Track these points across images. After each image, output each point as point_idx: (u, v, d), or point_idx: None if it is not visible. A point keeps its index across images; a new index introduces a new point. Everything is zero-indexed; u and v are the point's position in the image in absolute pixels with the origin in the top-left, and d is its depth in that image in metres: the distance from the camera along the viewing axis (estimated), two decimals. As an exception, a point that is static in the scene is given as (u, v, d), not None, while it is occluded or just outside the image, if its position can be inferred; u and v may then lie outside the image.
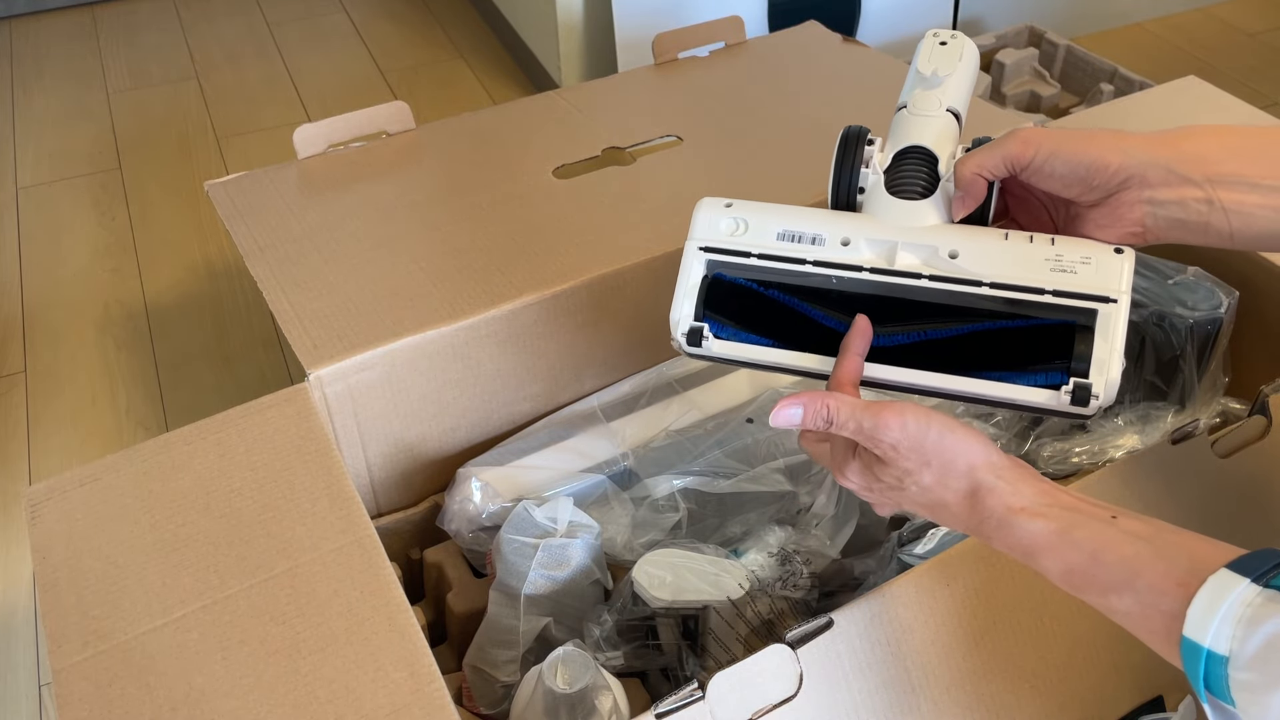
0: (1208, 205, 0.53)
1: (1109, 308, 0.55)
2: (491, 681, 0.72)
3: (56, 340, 1.40)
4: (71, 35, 2.11)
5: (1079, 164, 0.54)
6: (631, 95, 1.07)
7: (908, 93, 0.63)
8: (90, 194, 1.67)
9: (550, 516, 0.72)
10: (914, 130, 0.61)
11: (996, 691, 0.60)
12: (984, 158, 0.56)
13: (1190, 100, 1.00)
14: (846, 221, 0.60)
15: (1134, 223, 0.55)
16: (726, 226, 0.61)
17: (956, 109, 0.62)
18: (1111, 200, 0.55)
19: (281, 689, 0.54)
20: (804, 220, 0.60)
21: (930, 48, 0.63)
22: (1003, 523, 0.49)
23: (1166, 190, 0.54)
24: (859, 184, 0.61)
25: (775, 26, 1.65)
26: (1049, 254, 0.56)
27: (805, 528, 0.77)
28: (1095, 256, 0.56)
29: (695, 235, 0.62)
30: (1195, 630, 0.41)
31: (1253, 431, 0.68)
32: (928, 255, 0.58)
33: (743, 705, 0.54)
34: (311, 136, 0.96)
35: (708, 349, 0.61)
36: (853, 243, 0.59)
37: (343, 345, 0.75)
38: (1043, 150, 0.55)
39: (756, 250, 0.60)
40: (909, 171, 0.60)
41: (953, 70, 0.62)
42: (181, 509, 0.63)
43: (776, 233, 0.60)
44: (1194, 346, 0.84)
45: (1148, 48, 1.95)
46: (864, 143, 0.61)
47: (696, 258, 0.61)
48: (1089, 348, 0.54)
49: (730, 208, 0.62)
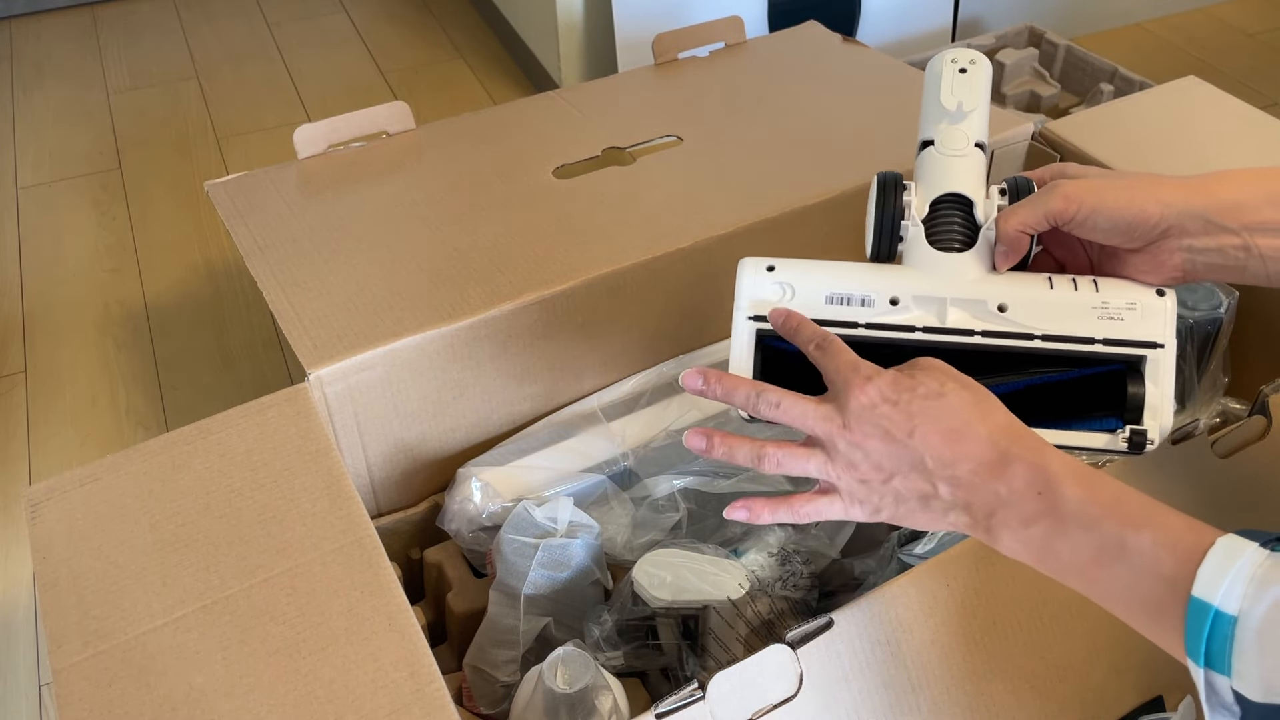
0: (1245, 252, 0.55)
1: (1158, 353, 0.56)
2: (491, 681, 0.72)
3: (56, 340, 1.40)
4: (71, 35, 2.11)
5: (1120, 220, 0.55)
6: (631, 95, 1.07)
7: (931, 128, 0.62)
8: (90, 194, 1.67)
9: (550, 516, 0.72)
10: (947, 173, 0.60)
11: (996, 691, 0.60)
12: (1026, 215, 0.57)
13: (1190, 100, 1.01)
14: (892, 277, 0.59)
15: (1174, 268, 0.57)
16: (773, 294, 0.60)
17: (982, 141, 0.61)
18: (1151, 248, 0.56)
19: (281, 689, 0.54)
20: (850, 280, 0.59)
21: (951, 77, 0.62)
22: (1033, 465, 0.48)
23: (1205, 239, 0.55)
24: (900, 233, 0.60)
25: (775, 26, 1.65)
26: (1095, 301, 0.57)
27: (805, 528, 0.78)
28: (1140, 301, 0.57)
29: (741, 305, 0.60)
30: (1205, 589, 0.42)
31: (1253, 431, 0.68)
32: (977, 310, 0.58)
33: (743, 705, 0.54)
34: (312, 136, 0.96)
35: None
36: (901, 301, 0.58)
37: (343, 345, 0.75)
38: (1085, 207, 0.55)
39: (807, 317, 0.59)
40: (949, 220, 0.59)
41: (977, 104, 0.61)
42: (181, 509, 0.63)
43: (825, 295, 0.59)
44: (1194, 346, 0.84)
45: (1148, 48, 1.95)
46: (900, 191, 0.60)
47: (746, 329, 0.60)
48: (1141, 393, 0.56)
49: (773, 271, 0.60)
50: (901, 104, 1.03)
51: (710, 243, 0.84)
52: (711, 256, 0.85)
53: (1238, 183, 0.55)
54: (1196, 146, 0.94)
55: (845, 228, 0.65)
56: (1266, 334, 0.88)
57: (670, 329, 0.87)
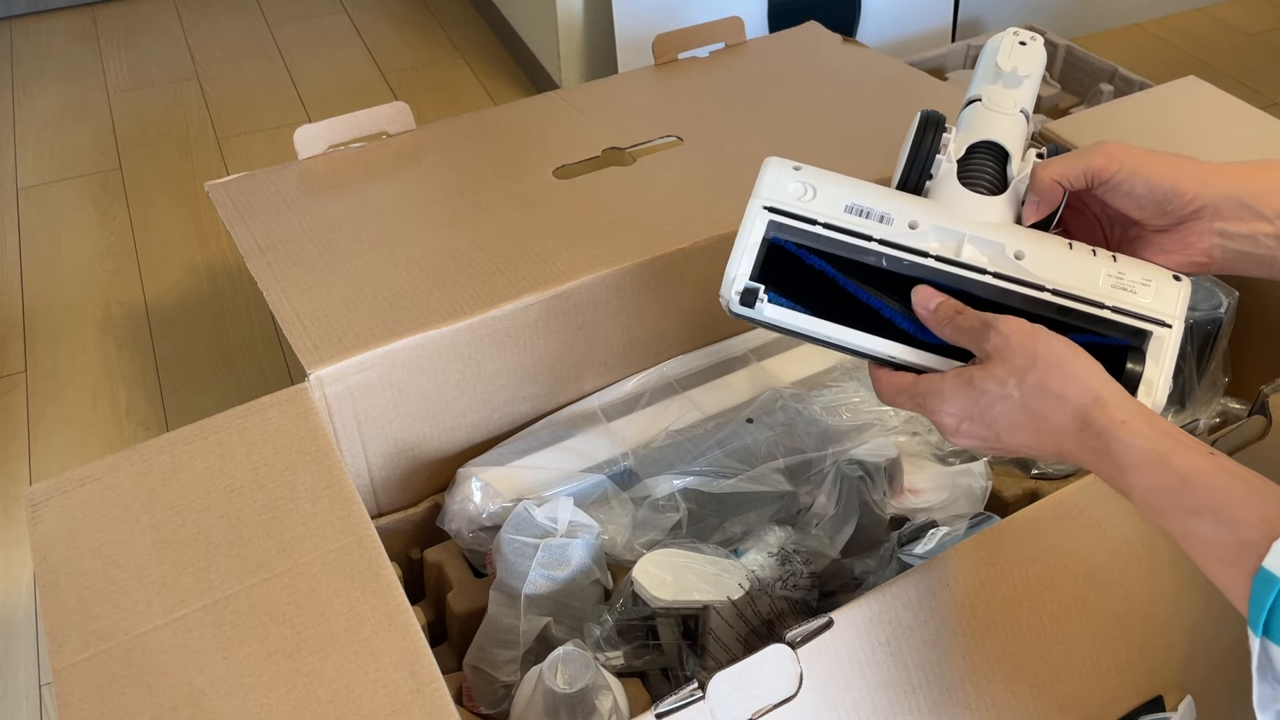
0: (1277, 241, 0.54)
1: (1164, 331, 0.55)
2: (492, 681, 0.72)
3: (57, 340, 1.40)
4: (71, 35, 2.11)
5: (1158, 187, 0.55)
6: (631, 95, 1.07)
7: (981, 86, 0.62)
8: (90, 194, 1.67)
9: (550, 516, 0.72)
10: (990, 125, 0.60)
11: (996, 691, 0.60)
12: (1066, 166, 0.56)
13: (1190, 100, 1.00)
14: (915, 205, 0.59)
15: (1202, 252, 0.56)
16: (794, 190, 0.59)
17: (1028, 111, 0.61)
18: (1181, 228, 0.56)
19: (281, 689, 0.54)
20: (873, 197, 0.59)
21: (1010, 45, 0.62)
22: (1103, 433, 0.48)
23: (1238, 223, 0.54)
24: (930, 170, 0.60)
25: (775, 27, 1.65)
26: (1111, 270, 0.56)
27: (805, 528, 0.78)
28: (1155, 280, 0.56)
29: (760, 193, 0.59)
30: (1275, 563, 0.42)
31: (1253, 431, 0.68)
32: (994, 252, 0.57)
33: (743, 705, 0.54)
34: (312, 137, 0.96)
35: (760, 311, 0.58)
36: (920, 227, 0.58)
37: (343, 345, 0.75)
38: (1125, 167, 0.55)
39: (823, 219, 0.58)
40: (981, 165, 0.59)
41: (1032, 72, 0.61)
42: (182, 509, 0.63)
43: (845, 204, 0.58)
44: (1194, 346, 0.84)
45: (1148, 48, 1.95)
46: (941, 129, 0.60)
47: (760, 216, 0.59)
48: (1139, 370, 0.55)
49: (799, 170, 0.60)
50: (901, 104, 1.03)
51: (710, 243, 0.84)
52: (711, 256, 0.85)
53: (1277, 170, 0.55)
54: (1196, 146, 0.93)
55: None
56: (1266, 334, 0.88)
57: (670, 329, 0.87)
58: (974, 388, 0.52)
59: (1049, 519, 0.63)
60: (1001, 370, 0.52)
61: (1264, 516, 0.43)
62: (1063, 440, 0.50)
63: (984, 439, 0.53)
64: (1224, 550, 0.44)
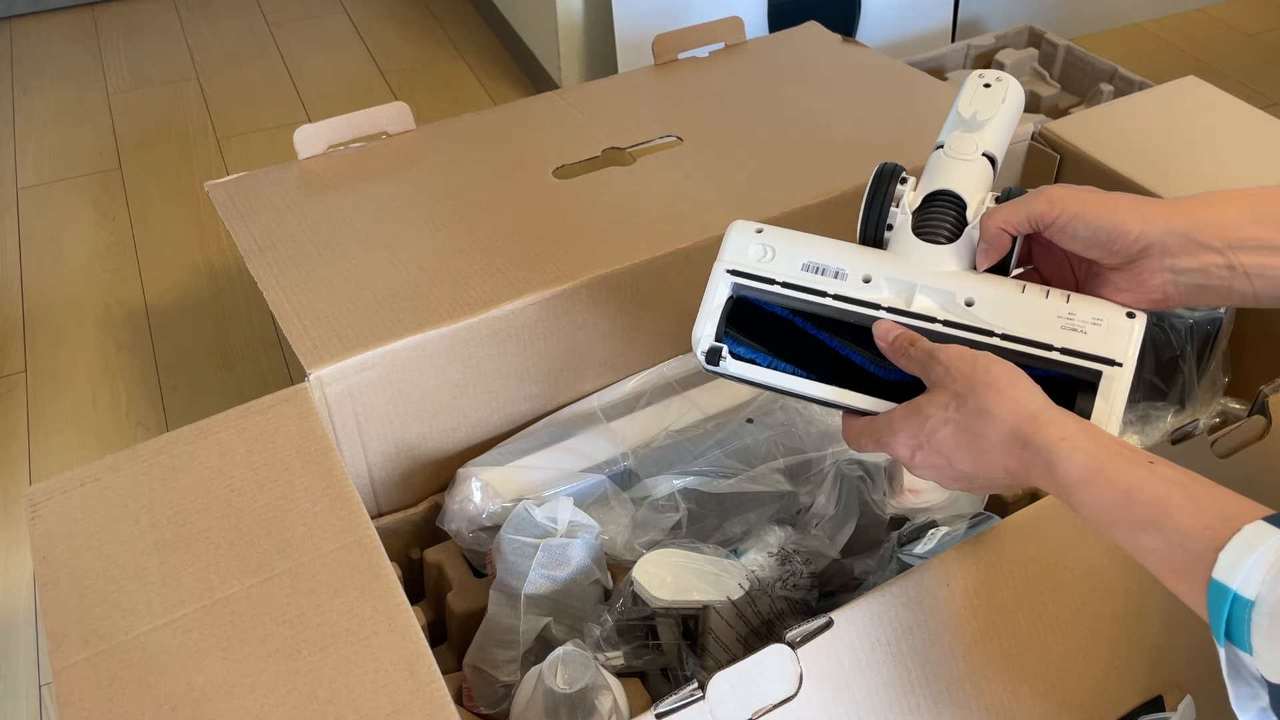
0: (1229, 270, 0.54)
1: (1114, 371, 0.56)
2: (492, 681, 0.72)
3: (57, 340, 1.40)
4: (71, 35, 2.11)
5: (1100, 228, 0.55)
6: (631, 95, 1.07)
7: (946, 133, 0.63)
8: (90, 194, 1.67)
9: (550, 516, 0.72)
10: (947, 173, 0.62)
11: (996, 691, 0.60)
12: (1009, 214, 0.57)
13: (1190, 100, 1.01)
14: (870, 258, 0.61)
15: (1155, 289, 0.56)
16: (755, 252, 0.63)
17: (993, 154, 0.62)
18: (1134, 266, 0.56)
19: (281, 689, 0.54)
20: (829, 253, 0.62)
21: (974, 89, 0.64)
22: (1043, 450, 0.49)
23: (1187, 258, 0.55)
24: (888, 221, 0.62)
25: (775, 27, 1.65)
26: (1062, 311, 0.57)
27: (805, 528, 0.78)
28: (1107, 319, 0.57)
29: (724, 257, 0.63)
30: (1225, 574, 0.42)
31: (1252, 431, 0.68)
32: (944, 300, 0.59)
33: (743, 705, 0.54)
34: (312, 137, 0.96)
35: (725, 368, 0.62)
36: (874, 280, 0.60)
37: (343, 345, 0.75)
38: (1067, 211, 0.56)
39: (780, 278, 0.62)
40: (936, 215, 0.61)
41: (993, 114, 0.62)
42: (181, 509, 0.63)
43: (802, 263, 0.62)
44: (1194, 346, 0.84)
45: (1148, 48, 1.95)
46: (896, 180, 0.62)
47: (723, 279, 0.63)
48: (1087, 408, 0.56)
49: (760, 233, 0.63)
50: (901, 104, 1.03)
51: (710, 243, 0.84)
52: (711, 256, 0.84)
53: (1221, 203, 0.56)
54: (1196, 146, 0.94)
55: (845, 228, 0.66)
56: (1266, 334, 0.88)
57: (670, 329, 0.87)
58: (919, 414, 0.54)
59: (1049, 519, 0.63)
60: (943, 396, 0.53)
61: (1206, 525, 0.44)
62: (1006, 460, 0.51)
63: (939, 467, 0.55)
64: (1173, 563, 0.45)
